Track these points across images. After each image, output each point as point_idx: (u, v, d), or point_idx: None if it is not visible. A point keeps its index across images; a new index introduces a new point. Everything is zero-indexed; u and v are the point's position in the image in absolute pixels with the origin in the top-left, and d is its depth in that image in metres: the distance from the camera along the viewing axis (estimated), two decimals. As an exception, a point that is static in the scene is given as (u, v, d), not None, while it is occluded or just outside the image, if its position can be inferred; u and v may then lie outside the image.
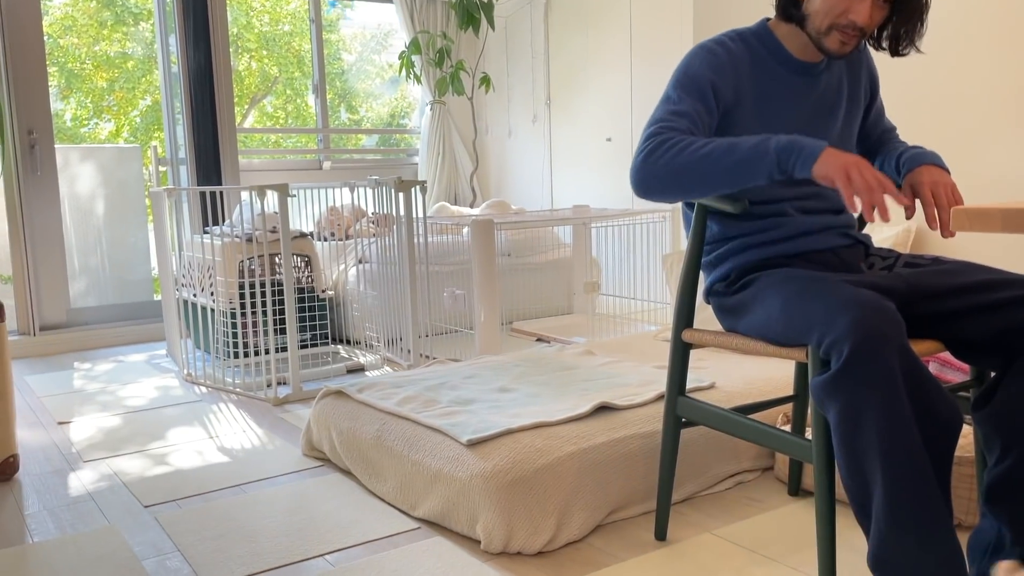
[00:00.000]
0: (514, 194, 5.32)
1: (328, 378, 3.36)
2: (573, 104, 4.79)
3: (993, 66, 2.49)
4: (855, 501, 1.33)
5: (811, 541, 1.82)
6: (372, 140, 5.89)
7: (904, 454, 1.26)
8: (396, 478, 2.08)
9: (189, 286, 3.75)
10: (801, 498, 2.06)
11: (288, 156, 5.30)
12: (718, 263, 1.71)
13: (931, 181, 1.58)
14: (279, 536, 1.93)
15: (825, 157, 1.38)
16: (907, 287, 1.49)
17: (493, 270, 3.20)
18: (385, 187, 3.36)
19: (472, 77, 5.38)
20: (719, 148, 1.46)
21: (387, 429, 2.15)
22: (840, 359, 1.28)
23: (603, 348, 2.86)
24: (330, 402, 2.42)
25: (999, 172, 2.50)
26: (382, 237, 3.62)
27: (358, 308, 3.85)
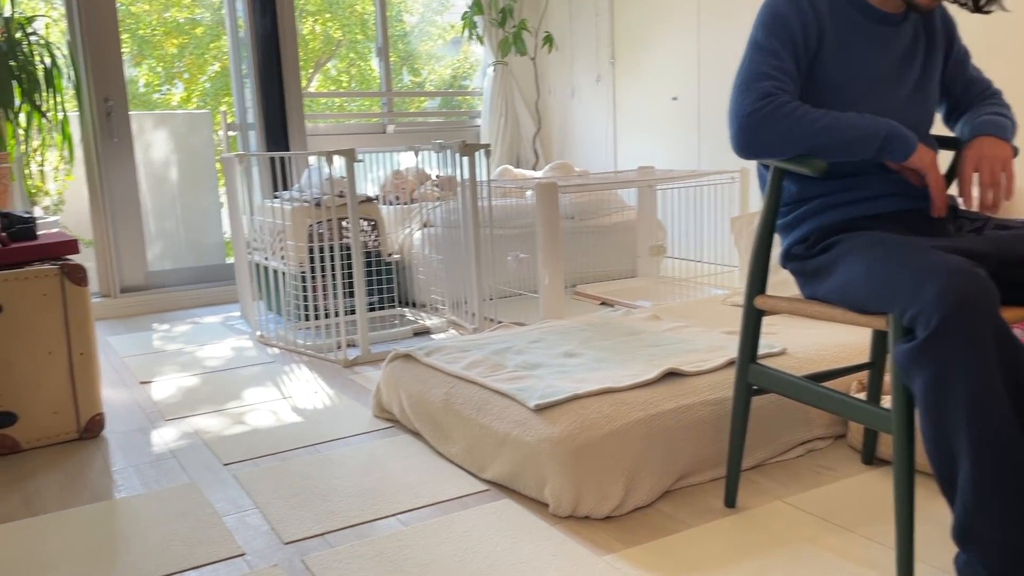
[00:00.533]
0: (577, 156, 5.26)
1: (395, 340, 3.41)
2: (638, 63, 4.70)
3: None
4: (940, 473, 1.30)
5: (887, 511, 1.78)
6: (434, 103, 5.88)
7: (994, 427, 1.22)
8: (465, 441, 2.11)
9: (260, 250, 3.83)
10: (876, 467, 2.02)
11: (352, 120, 5.33)
12: (796, 225, 1.67)
13: (977, 156, 1.54)
14: (352, 495, 1.98)
15: (920, 149, 1.52)
16: (998, 251, 1.43)
17: (557, 233, 3.18)
18: (449, 151, 3.36)
19: (535, 37, 5.31)
20: (835, 124, 1.52)
21: (455, 393, 2.17)
22: (928, 328, 1.24)
23: (669, 312, 2.83)
24: (399, 365, 2.46)
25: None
26: (446, 201, 3.63)
27: (423, 271, 3.88)
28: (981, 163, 1.53)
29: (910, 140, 1.52)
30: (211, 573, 1.66)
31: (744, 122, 1.54)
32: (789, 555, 1.62)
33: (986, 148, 1.55)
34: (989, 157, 1.54)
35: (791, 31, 1.57)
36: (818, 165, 1.53)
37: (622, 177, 3.72)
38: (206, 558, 1.72)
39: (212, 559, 1.71)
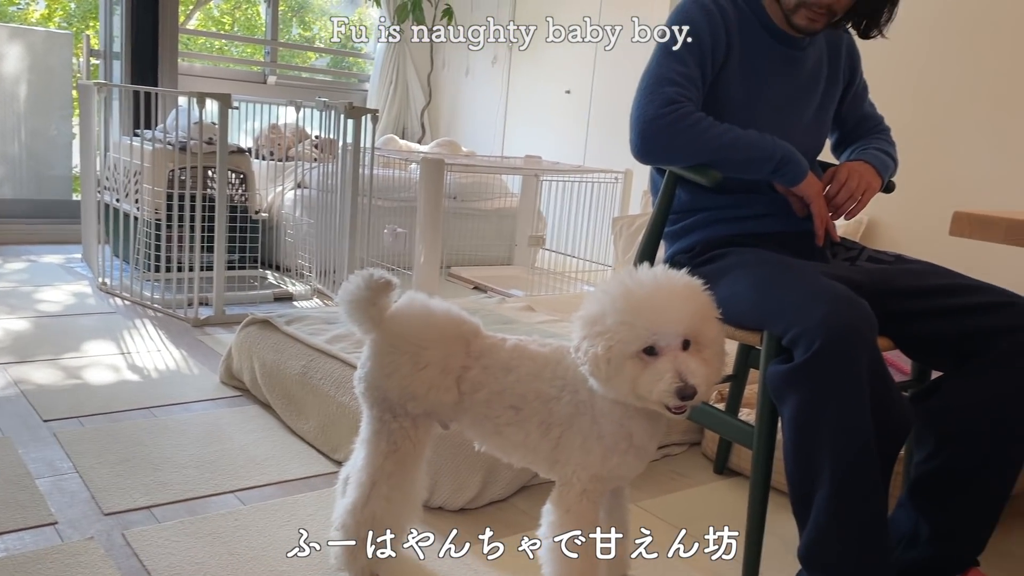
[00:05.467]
0: (465, 136, 5.17)
1: (254, 304, 3.22)
2: (536, 51, 4.65)
3: (962, 68, 2.48)
4: (796, 492, 1.31)
5: (735, 520, 1.81)
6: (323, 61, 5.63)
7: (857, 456, 1.23)
8: (319, 418, 1.99)
9: (112, 190, 3.52)
10: (726, 477, 2.06)
11: (231, 65, 5.01)
12: (683, 234, 1.66)
13: (851, 169, 1.60)
14: (188, 467, 1.82)
15: (810, 177, 1.55)
16: (871, 283, 1.46)
17: (438, 211, 3.09)
18: (334, 111, 3.19)
19: (435, 8, 5.17)
20: (736, 141, 1.51)
21: (314, 366, 2.05)
22: (808, 351, 1.24)
23: (544, 305, 2.80)
24: (255, 330, 2.30)
25: (961, 174, 2.51)
26: (324, 163, 3.46)
27: (292, 234, 3.69)
28: (851, 174, 1.60)
29: (802, 167, 1.54)
30: (15, 541, 1.48)
31: (647, 127, 1.51)
32: (637, 560, 1.61)
33: (862, 168, 1.62)
34: (860, 173, 1.61)
35: (701, 40, 1.55)
36: (714, 176, 1.52)
37: (509, 163, 3.67)
38: (10, 524, 1.53)
39: (17, 526, 1.53)
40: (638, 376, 1.13)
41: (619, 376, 1.14)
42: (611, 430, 1.23)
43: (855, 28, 1.63)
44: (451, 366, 1.30)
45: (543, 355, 1.30)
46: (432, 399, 1.30)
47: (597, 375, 1.16)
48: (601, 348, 1.13)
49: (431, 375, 1.30)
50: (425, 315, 1.34)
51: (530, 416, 1.27)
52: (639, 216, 3.31)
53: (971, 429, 1.40)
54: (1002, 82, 2.39)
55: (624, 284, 1.16)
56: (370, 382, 1.34)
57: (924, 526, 1.46)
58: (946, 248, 2.49)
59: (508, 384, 1.28)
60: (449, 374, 1.30)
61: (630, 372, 1.14)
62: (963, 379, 1.43)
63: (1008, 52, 2.37)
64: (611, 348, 1.13)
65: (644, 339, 1.12)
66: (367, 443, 1.35)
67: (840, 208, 1.60)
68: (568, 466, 1.26)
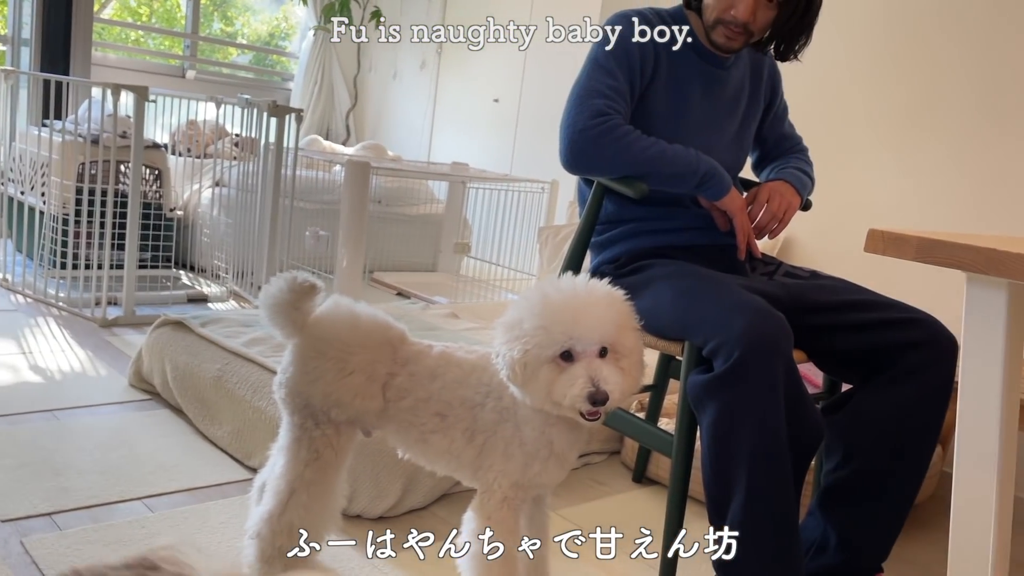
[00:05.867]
0: (391, 140, 5.13)
1: (166, 305, 3.11)
2: (465, 57, 4.65)
3: (874, 94, 2.60)
4: (713, 501, 1.34)
5: (653, 527, 1.83)
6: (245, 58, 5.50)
7: (772, 464, 1.27)
8: (233, 423, 1.93)
9: (17, 182, 3.35)
10: (644, 485, 2.09)
11: (148, 57, 4.85)
12: (608, 245, 1.68)
13: (772, 188, 1.65)
14: (92, 472, 1.74)
15: (732, 193, 1.59)
16: (788, 297, 1.51)
17: (362, 215, 3.05)
18: (256, 109, 3.12)
19: (363, 9, 5.11)
20: (662, 155, 1.54)
21: (230, 370, 1.99)
22: (728, 362, 1.27)
23: (468, 312, 2.79)
24: (167, 332, 2.22)
25: (868, 192, 2.62)
26: (244, 162, 3.37)
27: (208, 234, 3.58)
28: (773, 194, 1.65)
29: (726, 182, 1.58)
30: None
31: (576, 137, 1.52)
32: (556, 568, 1.61)
33: (782, 187, 1.67)
34: (781, 193, 1.66)
35: (630, 54, 1.58)
36: (640, 188, 1.54)
37: (436, 169, 3.65)
38: None
39: (-99, 536, 1.43)
40: (553, 381, 1.14)
41: (535, 381, 1.14)
42: (532, 437, 1.24)
43: (774, 50, 1.68)
44: (377, 372, 1.28)
45: (469, 361, 1.30)
46: (357, 406, 1.28)
47: (514, 380, 1.16)
48: (518, 352, 1.13)
49: (357, 381, 1.27)
50: (351, 320, 1.32)
51: (455, 423, 1.26)
52: (565, 226, 3.34)
53: (878, 440, 1.46)
54: (910, 107, 2.52)
55: (543, 291, 1.17)
56: (292, 388, 1.31)
57: (832, 534, 1.51)
58: (859, 265, 2.59)
59: (434, 391, 1.27)
60: (375, 381, 1.28)
61: (545, 377, 1.14)
62: (871, 392, 1.48)
63: (915, 79, 2.50)
64: (527, 352, 1.13)
65: (560, 344, 1.13)
66: (286, 450, 1.31)
67: (763, 228, 1.65)
68: (490, 473, 1.25)
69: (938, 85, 2.46)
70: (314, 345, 1.29)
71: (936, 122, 2.47)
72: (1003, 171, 2.33)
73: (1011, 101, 2.31)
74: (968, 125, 2.40)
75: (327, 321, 1.31)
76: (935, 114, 2.47)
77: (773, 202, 1.63)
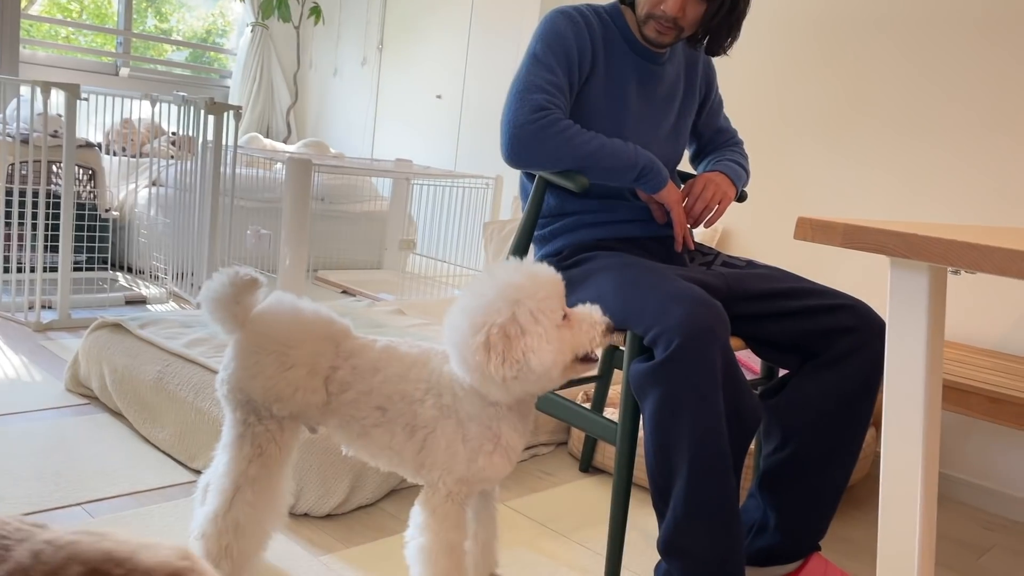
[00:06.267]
0: (333, 137, 5.08)
1: (103, 307, 3.03)
2: (407, 54, 4.63)
3: (805, 88, 2.67)
4: (656, 487, 1.37)
5: (599, 518, 1.87)
6: (181, 55, 5.38)
7: (712, 448, 1.30)
8: (176, 425, 1.90)
9: (-59, 183, 3.23)
10: (591, 475, 2.12)
11: (79, 55, 4.71)
12: (551, 238, 1.70)
13: (708, 179, 1.69)
14: (30, 479, 1.70)
15: (669, 186, 1.62)
16: (726, 286, 1.55)
17: (305, 213, 3.02)
18: (193, 106, 3.06)
19: (301, 5, 5.05)
20: (602, 149, 1.56)
21: (171, 372, 1.96)
22: (667, 350, 1.30)
23: (414, 309, 2.79)
24: (105, 335, 2.17)
25: (802, 184, 2.69)
26: (182, 160, 3.31)
27: (146, 234, 3.50)
28: (708, 185, 1.68)
29: (663, 175, 1.61)
30: None
31: (517, 132, 1.54)
32: (505, 559, 1.63)
33: (718, 178, 1.71)
34: (716, 183, 1.69)
35: (568, 50, 1.60)
36: (581, 182, 1.56)
37: (379, 166, 3.63)
38: None
39: None
40: (569, 336, 1.19)
41: (557, 342, 1.18)
42: (477, 432, 1.25)
43: (705, 45, 1.71)
44: (319, 366, 1.28)
45: (411, 356, 1.30)
46: (299, 400, 1.27)
47: (538, 351, 1.16)
48: (541, 323, 1.17)
49: (298, 375, 1.27)
50: (293, 314, 1.31)
51: (396, 417, 1.27)
52: (509, 221, 3.36)
53: (813, 423, 1.51)
54: (841, 100, 2.59)
55: (520, 271, 1.20)
56: (233, 384, 1.29)
57: (772, 515, 1.55)
58: (793, 254, 2.66)
59: (375, 384, 1.27)
60: (317, 375, 1.28)
61: (561, 336, 1.19)
62: (806, 376, 1.53)
63: (845, 73, 2.57)
64: (544, 321, 1.16)
65: (561, 306, 1.21)
66: (230, 447, 1.30)
67: (698, 217, 1.69)
68: (434, 470, 1.26)
69: (867, 78, 2.54)
70: (255, 340, 1.28)
71: (866, 114, 2.55)
72: (929, 160, 2.42)
73: (937, 93, 2.40)
74: (896, 117, 2.49)
75: (268, 316, 1.30)
76: (865, 106, 2.55)
77: (708, 192, 1.66)
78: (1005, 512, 2.24)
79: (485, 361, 1.16)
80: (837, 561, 1.74)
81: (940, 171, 2.40)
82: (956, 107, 2.37)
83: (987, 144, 2.31)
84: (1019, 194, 2.26)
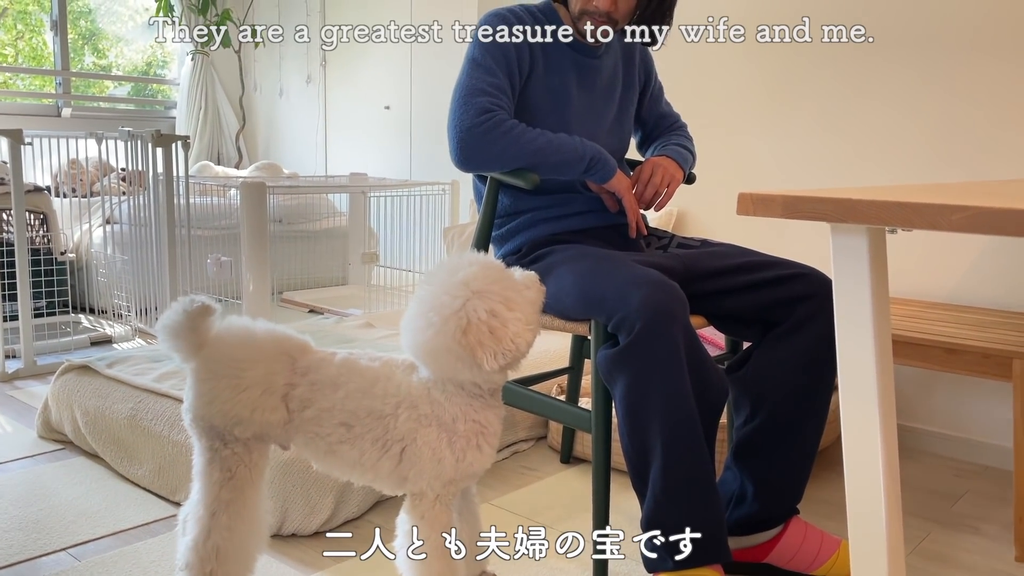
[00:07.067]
0: (285, 158, 5.06)
1: (68, 351, 3.00)
2: (351, 68, 4.63)
3: (747, 70, 2.73)
4: (634, 469, 1.40)
5: (584, 506, 1.90)
6: (123, 90, 5.33)
7: (683, 425, 1.33)
8: (154, 461, 1.89)
9: None
10: (573, 465, 2.15)
11: (19, 99, 4.65)
12: (509, 237, 1.72)
13: (655, 164, 1.72)
14: (11, 530, 1.68)
15: (618, 175, 1.65)
16: (683, 267, 1.58)
17: (263, 236, 3.01)
18: (140, 140, 3.04)
19: (238, 27, 5.02)
20: (549, 145, 1.59)
21: (143, 408, 1.95)
22: (630, 334, 1.33)
23: (383, 320, 2.80)
24: (73, 378, 2.15)
25: (749, 160, 2.75)
26: (134, 195, 3.28)
27: (105, 273, 3.47)
28: (656, 169, 1.71)
29: (611, 165, 1.64)
30: None
31: (464, 136, 1.56)
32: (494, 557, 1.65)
33: (664, 162, 1.74)
34: (664, 167, 1.72)
35: (506, 51, 1.62)
36: (532, 179, 1.59)
37: (334, 182, 3.63)
38: None
39: None
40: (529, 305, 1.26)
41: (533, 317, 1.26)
42: (465, 428, 1.26)
43: (639, 36, 1.74)
44: (274, 385, 1.27)
45: (373, 370, 1.29)
46: (258, 420, 1.27)
47: (523, 333, 1.21)
48: (514, 308, 1.21)
49: (253, 396, 1.26)
50: (244, 336, 1.31)
51: (363, 433, 1.26)
52: (469, 224, 3.38)
53: (779, 390, 1.55)
54: (777, 76, 2.65)
55: (465, 266, 1.23)
56: (194, 412, 1.30)
57: (749, 484, 1.59)
58: (750, 230, 2.71)
59: (337, 401, 1.27)
60: (273, 393, 1.27)
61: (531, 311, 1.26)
62: (768, 346, 1.57)
63: (778, 50, 2.63)
64: (514, 305, 1.22)
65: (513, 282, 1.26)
66: (201, 475, 1.31)
67: (649, 202, 1.72)
68: (420, 480, 1.26)
69: (799, 54, 2.60)
70: (208, 366, 1.29)
71: (802, 88, 2.61)
72: (869, 125, 2.48)
73: (870, 57, 2.47)
74: (829, 89, 2.55)
75: (220, 341, 1.30)
76: (800, 81, 2.61)
77: (656, 177, 1.70)
78: (975, 458, 2.31)
79: (481, 360, 1.18)
80: (816, 522, 1.79)
81: (879, 134, 2.47)
82: (892, 69, 2.44)
83: (921, 105, 2.38)
84: (952, 152, 2.33)
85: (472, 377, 1.23)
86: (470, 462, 1.27)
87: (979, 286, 2.31)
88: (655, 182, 1.69)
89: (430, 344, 1.21)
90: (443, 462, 1.25)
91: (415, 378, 1.28)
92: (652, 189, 1.69)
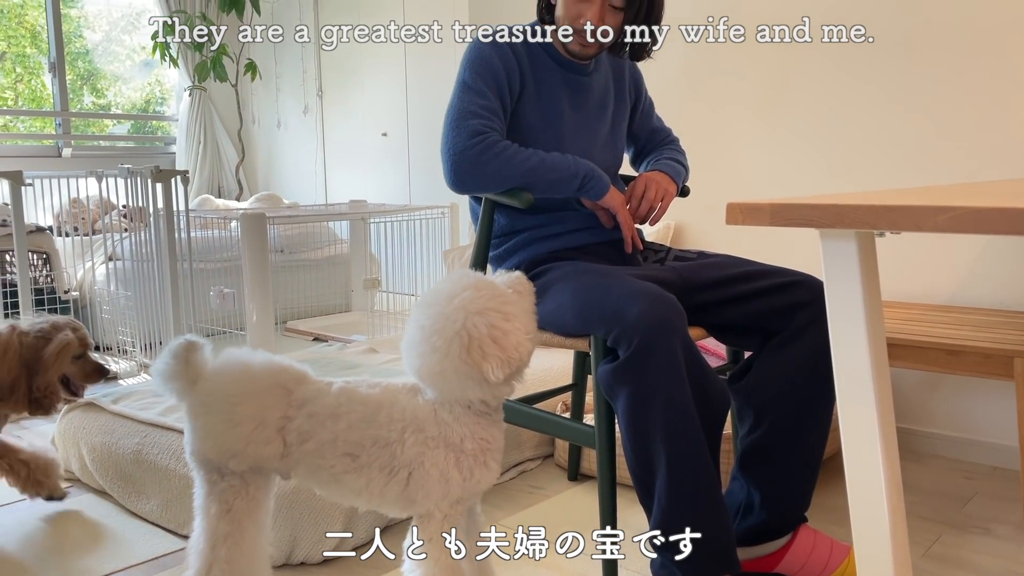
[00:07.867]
0: (285, 188, 5.10)
1: (75, 389, 3.01)
2: (347, 97, 4.68)
3: (738, 82, 2.75)
4: (639, 482, 1.40)
5: (592, 523, 1.89)
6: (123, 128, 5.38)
7: (686, 436, 1.33)
8: (161, 495, 1.90)
9: None
10: (580, 482, 2.15)
11: (19, 141, 4.70)
12: (507, 256, 1.73)
13: (648, 179, 1.73)
14: (19, 571, 1.69)
15: (612, 191, 1.66)
16: (680, 280, 1.59)
17: (265, 267, 3.03)
18: (140, 176, 3.07)
19: (236, 63, 5.08)
20: (542, 164, 1.60)
21: (149, 442, 1.96)
22: (629, 348, 1.34)
23: (386, 345, 2.80)
24: (79, 415, 2.16)
25: (742, 171, 2.76)
26: (136, 232, 3.31)
27: (109, 310, 3.49)
28: (649, 184, 1.72)
29: (604, 181, 1.65)
30: None
31: (457, 159, 1.58)
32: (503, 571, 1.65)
33: (658, 176, 1.75)
34: (657, 182, 1.73)
35: (496, 73, 1.64)
36: (526, 198, 1.60)
37: (334, 210, 3.66)
38: None
39: None
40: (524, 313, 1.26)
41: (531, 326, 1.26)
42: (472, 446, 1.26)
43: (628, 52, 1.76)
44: (269, 418, 1.26)
45: (374, 398, 1.28)
46: (252, 454, 1.26)
47: (525, 342, 1.22)
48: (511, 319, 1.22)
49: (246, 431, 1.25)
50: (239, 370, 1.30)
51: (370, 462, 1.26)
52: (469, 246, 3.39)
53: (782, 398, 1.55)
54: (768, 85, 2.67)
55: (459, 285, 1.23)
56: (192, 447, 1.30)
57: (756, 494, 1.59)
58: (747, 240, 2.72)
59: (339, 432, 1.26)
60: (267, 427, 1.26)
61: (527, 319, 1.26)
62: (769, 355, 1.58)
63: (769, 58, 2.65)
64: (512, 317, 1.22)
65: (503, 292, 1.25)
66: (201, 509, 1.31)
67: (643, 216, 1.73)
68: (428, 501, 1.26)
69: (791, 62, 2.62)
70: (202, 401, 1.29)
71: (793, 97, 2.63)
72: (855, 132, 2.50)
73: (849, 71, 2.49)
74: (820, 98, 2.56)
75: (215, 376, 1.30)
76: (791, 90, 2.63)
77: (650, 192, 1.71)
78: (983, 460, 2.30)
79: (488, 371, 1.19)
80: (824, 529, 1.78)
81: (879, 137, 2.48)
82: (892, 69, 2.45)
83: (922, 105, 2.39)
84: (953, 151, 2.34)
85: (481, 394, 1.24)
86: (477, 480, 1.27)
87: (978, 287, 2.32)
88: (649, 197, 1.70)
89: (437, 367, 1.21)
90: (451, 482, 1.25)
91: (420, 400, 1.28)
92: (646, 204, 1.70)
